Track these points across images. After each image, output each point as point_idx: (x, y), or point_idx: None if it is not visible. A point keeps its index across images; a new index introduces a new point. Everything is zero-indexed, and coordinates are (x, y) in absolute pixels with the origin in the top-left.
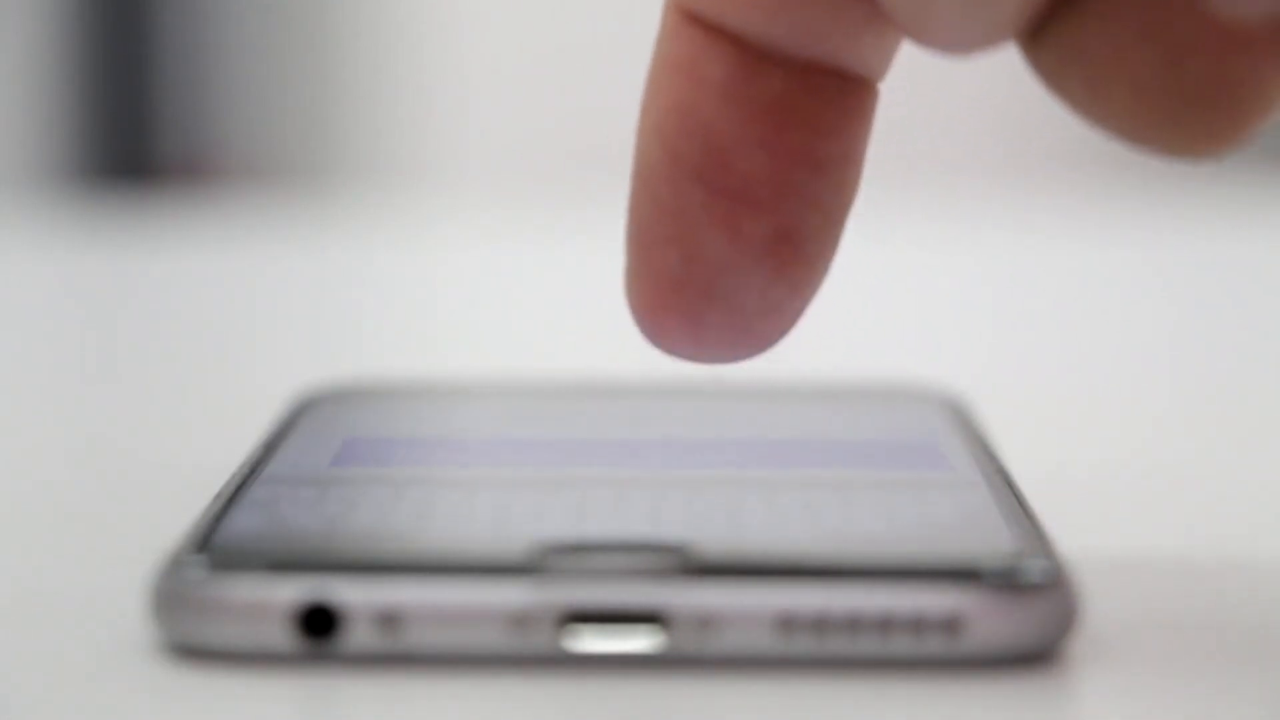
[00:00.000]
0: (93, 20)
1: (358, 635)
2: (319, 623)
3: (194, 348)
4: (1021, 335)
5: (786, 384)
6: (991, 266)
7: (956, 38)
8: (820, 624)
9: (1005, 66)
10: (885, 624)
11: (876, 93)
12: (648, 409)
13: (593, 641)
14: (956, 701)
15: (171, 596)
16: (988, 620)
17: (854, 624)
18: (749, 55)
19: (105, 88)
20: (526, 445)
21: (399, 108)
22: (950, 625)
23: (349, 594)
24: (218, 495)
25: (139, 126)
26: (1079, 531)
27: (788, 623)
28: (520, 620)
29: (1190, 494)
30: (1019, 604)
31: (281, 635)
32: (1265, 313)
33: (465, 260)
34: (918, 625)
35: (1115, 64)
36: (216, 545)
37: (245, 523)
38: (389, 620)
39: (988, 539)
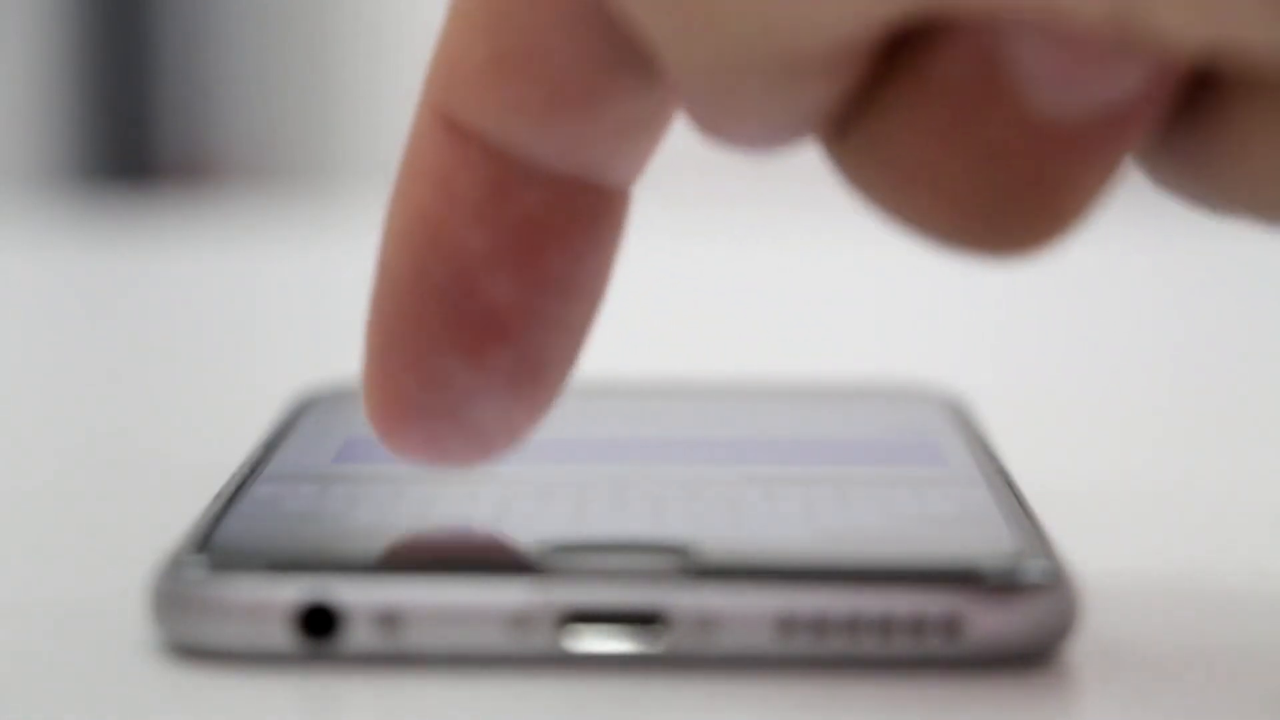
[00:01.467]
0: (93, 20)
1: (358, 635)
2: (319, 623)
3: (194, 348)
4: (1022, 336)
5: (787, 384)
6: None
7: (753, 134)
8: (820, 624)
9: None
10: (885, 624)
11: (629, 202)
12: (648, 409)
13: (593, 641)
14: (956, 701)
15: (171, 596)
16: (988, 620)
17: (854, 624)
18: (504, 169)
19: (105, 88)
20: (526, 445)
21: (399, 108)
22: (950, 625)
23: (349, 594)
24: (218, 495)
25: (139, 126)
26: (1079, 532)
27: (788, 623)
28: (520, 620)
29: (1191, 495)
30: (1019, 604)
31: (281, 635)
32: (1268, 316)
33: None
34: (918, 625)
35: (924, 166)
36: (216, 545)
37: (245, 523)
38: (389, 620)
39: (988, 539)
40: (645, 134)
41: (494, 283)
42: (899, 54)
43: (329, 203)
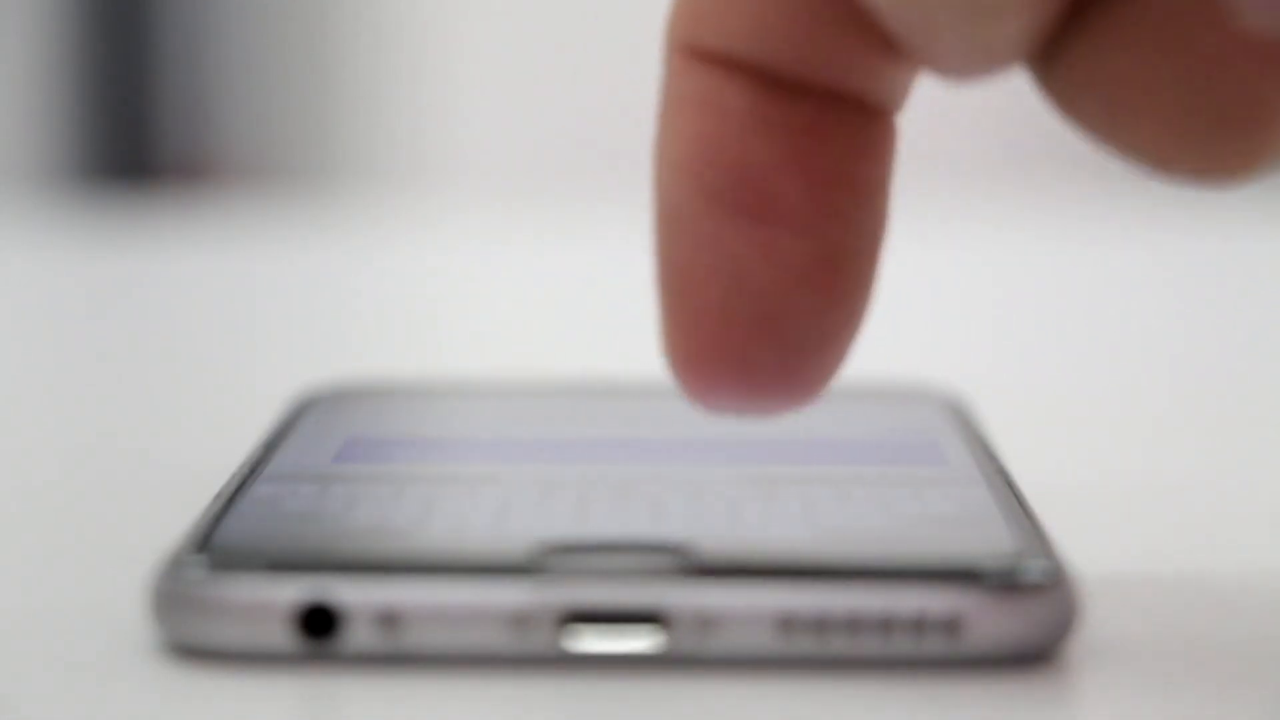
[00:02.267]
0: (93, 20)
1: (358, 635)
2: (319, 623)
3: (194, 348)
4: (1023, 336)
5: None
6: (993, 267)
7: (963, 62)
8: (820, 624)
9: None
10: (885, 624)
11: (896, 124)
12: (648, 408)
13: (593, 641)
14: (956, 701)
15: (171, 596)
16: (988, 620)
17: (854, 624)
18: (764, 84)
19: (105, 88)
20: (526, 445)
21: (399, 108)
22: (950, 625)
23: (349, 594)
24: (218, 495)
25: (139, 126)
26: (1079, 532)
27: (788, 623)
28: (520, 620)
29: (1191, 495)
30: (1019, 604)
31: (281, 635)
32: (1269, 315)
33: (465, 260)
34: (918, 625)
35: (1135, 86)
36: (216, 545)
37: (245, 523)
38: (389, 620)
39: (988, 539)
40: (883, 56)
41: (780, 182)
42: None
43: (329, 203)
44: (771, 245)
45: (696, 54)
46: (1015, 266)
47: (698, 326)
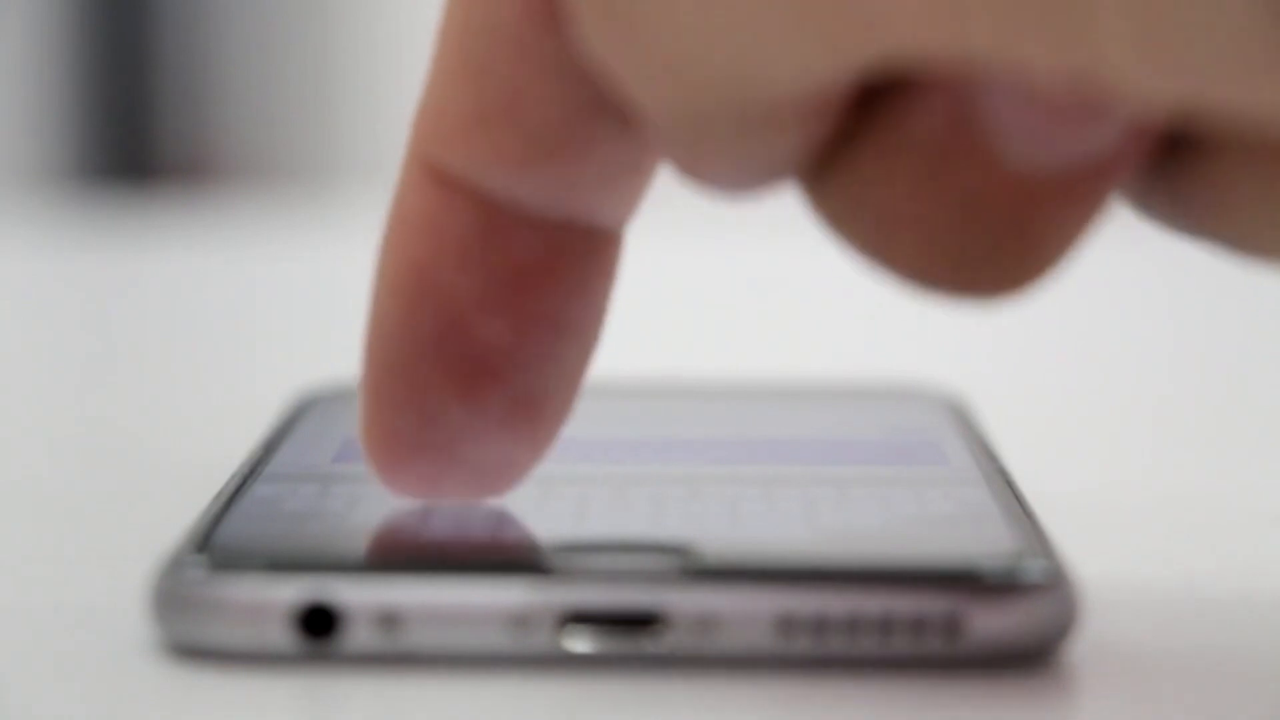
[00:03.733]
0: (93, 20)
1: (358, 635)
2: (319, 623)
3: (194, 348)
4: (1022, 336)
5: (787, 384)
6: None
7: (729, 178)
8: (820, 624)
9: None
10: (885, 624)
11: (621, 244)
12: (648, 409)
13: (593, 642)
14: (956, 701)
15: (171, 596)
16: (988, 620)
17: (854, 624)
18: (492, 215)
19: (105, 88)
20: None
21: (399, 108)
22: (950, 625)
23: (349, 594)
24: (218, 495)
25: (139, 126)
26: (1079, 532)
27: (788, 623)
28: (520, 620)
29: (1190, 496)
30: (1019, 604)
31: (281, 635)
32: (1270, 318)
33: None
34: (918, 625)
35: (900, 214)
36: (216, 545)
37: (245, 522)
38: (389, 620)
39: (988, 539)
40: (632, 178)
41: (485, 325)
42: (872, 103)
43: (329, 203)
44: (469, 389)
45: (430, 172)
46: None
47: (389, 443)
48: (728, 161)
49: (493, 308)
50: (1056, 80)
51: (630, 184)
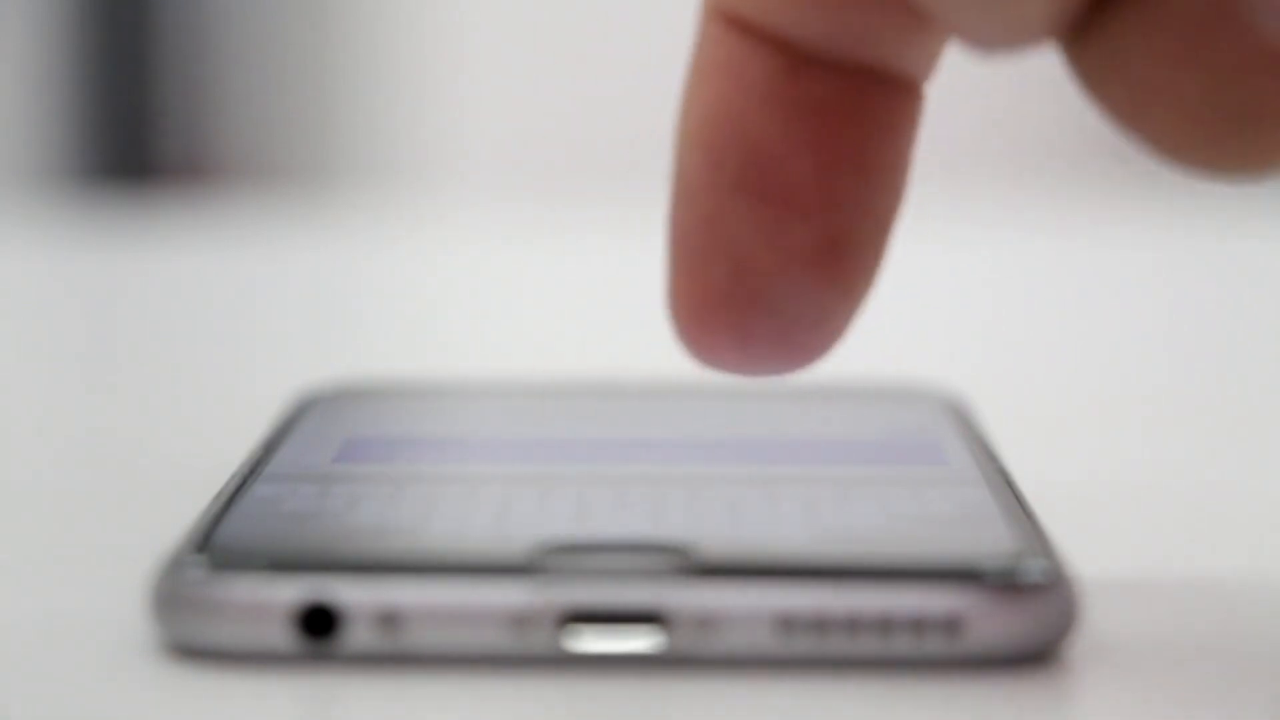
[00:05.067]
0: (93, 20)
1: (358, 635)
2: (319, 623)
3: (194, 348)
4: (1022, 335)
5: (787, 384)
6: (993, 266)
7: (990, 36)
8: (820, 624)
9: (1006, 67)
10: (885, 624)
11: (922, 95)
12: (648, 408)
13: (593, 641)
14: (956, 701)
15: (171, 596)
16: (988, 620)
17: (854, 624)
18: (792, 58)
19: (105, 88)
20: (527, 445)
21: (398, 108)
22: (950, 625)
23: (349, 594)
24: (218, 495)
25: (139, 126)
26: (1079, 532)
27: (788, 623)
28: (520, 620)
29: (1191, 495)
30: (1019, 604)
31: (281, 635)
32: (1270, 315)
33: (465, 260)
34: (918, 625)
35: (1155, 79)
36: (216, 545)
37: (245, 522)
38: (389, 620)
39: (988, 539)
40: (923, 30)
41: (790, 165)
42: None
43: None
44: (775, 227)
45: (727, 20)
46: (1015, 266)
47: (697, 297)
48: (987, 19)
49: (796, 147)
50: None
51: (922, 36)
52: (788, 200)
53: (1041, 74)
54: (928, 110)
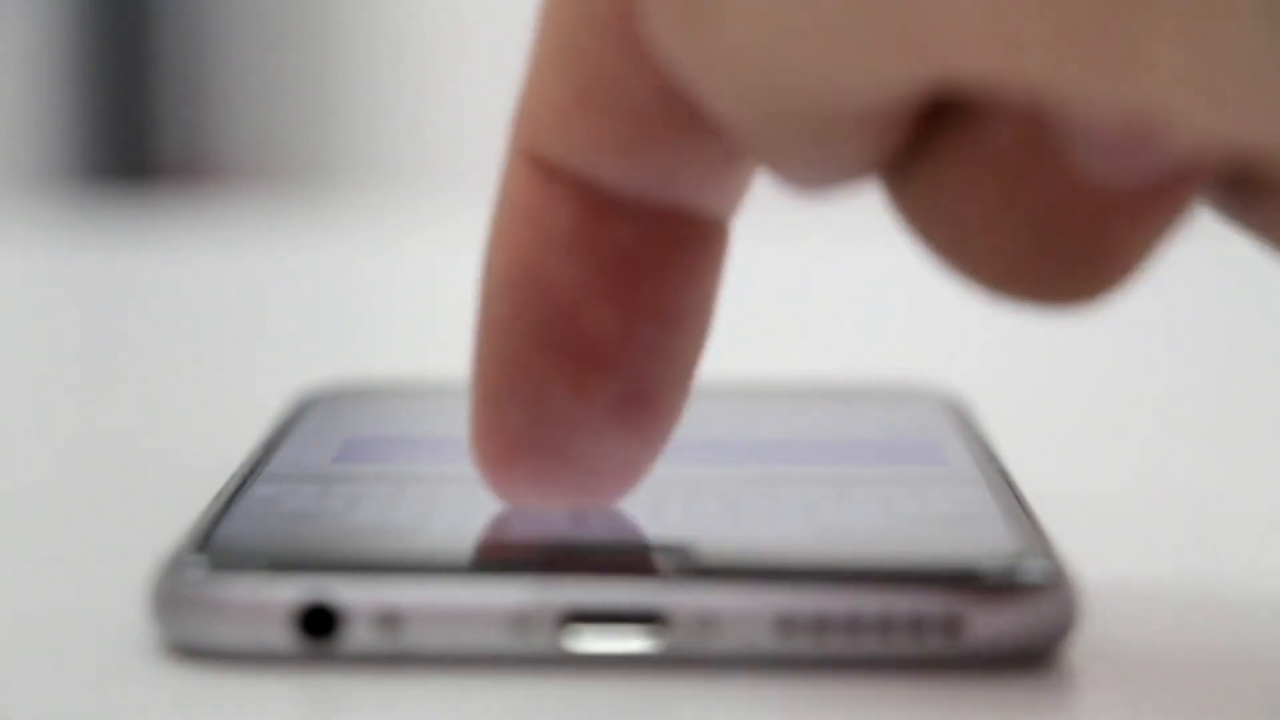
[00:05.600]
0: (93, 20)
1: (358, 635)
2: (319, 623)
3: (194, 348)
4: (1022, 336)
5: (787, 384)
6: None
7: (806, 175)
8: (820, 624)
9: None
10: (885, 624)
11: (728, 237)
12: None
13: (593, 641)
14: (956, 701)
15: (171, 596)
16: (988, 620)
17: (854, 624)
18: (596, 203)
19: (105, 88)
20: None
21: (398, 108)
22: (950, 625)
23: (349, 594)
24: (218, 495)
25: (139, 126)
26: (1079, 532)
27: (788, 623)
28: (520, 620)
29: (1190, 495)
30: (1019, 604)
31: (281, 635)
32: (1270, 317)
33: (465, 260)
34: (917, 625)
35: (976, 221)
36: (216, 545)
37: (245, 522)
38: (389, 620)
39: (987, 539)
40: (732, 170)
41: (593, 314)
42: (949, 112)
43: (329, 203)
44: (577, 379)
45: (533, 162)
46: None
47: (498, 441)
48: (803, 162)
49: (600, 297)
50: (1112, 116)
51: (731, 176)
52: (590, 352)
53: None
54: None
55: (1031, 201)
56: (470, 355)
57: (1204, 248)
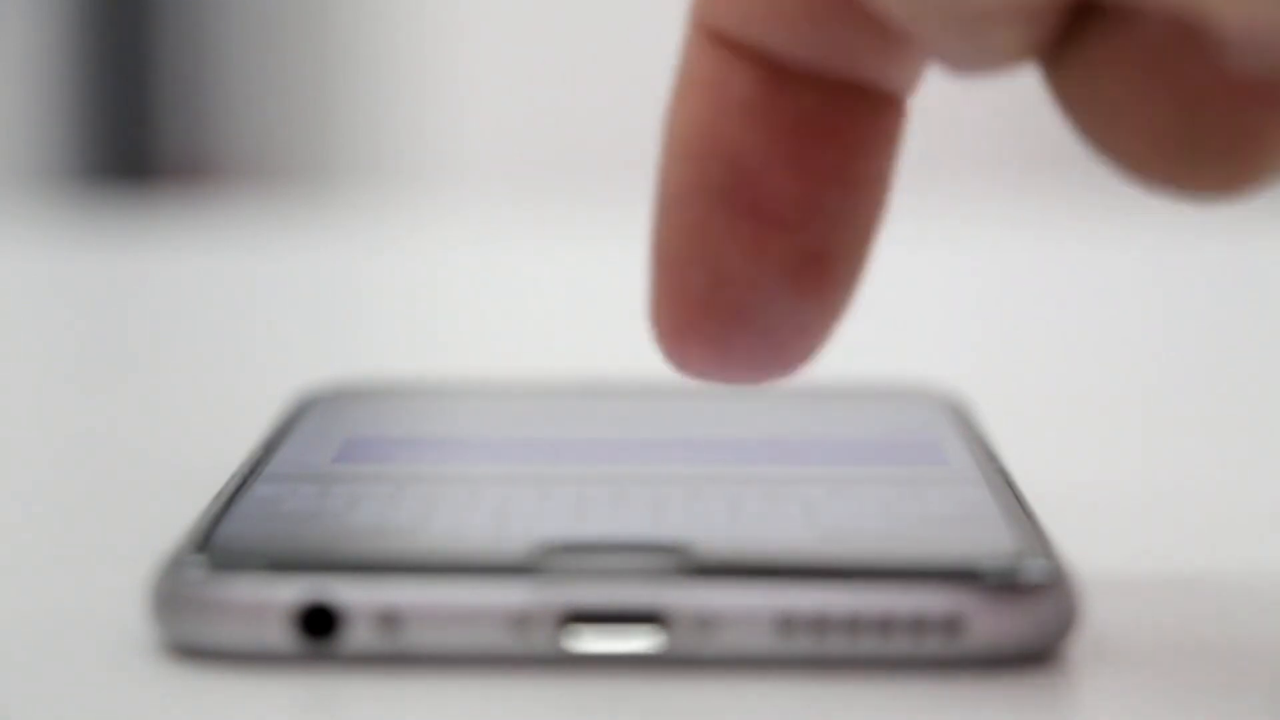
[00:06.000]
0: (93, 20)
1: (358, 635)
2: (319, 623)
3: (194, 348)
4: (1022, 335)
5: (788, 384)
6: (993, 266)
7: (967, 61)
8: (820, 624)
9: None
10: (885, 624)
11: (905, 111)
12: (648, 408)
13: (593, 641)
14: (956, 701)
15: (171, 596)
16: (988, 620)
17: (854, 624)
18: (775, 73)
19: (105, 88)
20: (526, 445)
21: (399, 108)
22: (950, 625)
23: (349, 594)
24: (218, 495)
25: (139, 126)
26: (1079, 532)
27: (788, 623)
28: (520, 620)
29: (1191, 495)
30: (1019, 604)
31: (281, 635)
32: (1270, 315)
33: (465, 260)
34: (918, 625)
35: (1126, 105)
36: (216, 545)
37: (245, 522)
38: (389, 620)
39: (988, 539)
40: (898, 46)
41: (773, 179)
42: (1097, 6)
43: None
44: (757, 240)
45: (711, 36)
46: (1015, 266)
47: (679, 307)
48: (960, 49)
49: (777, 161)
50: (1255, 31)
51: (902, 54)
52: (769, 213)
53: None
54: (929, 113)
55: (1178, 87)
56: (651, 224)
57: (1204, 247)
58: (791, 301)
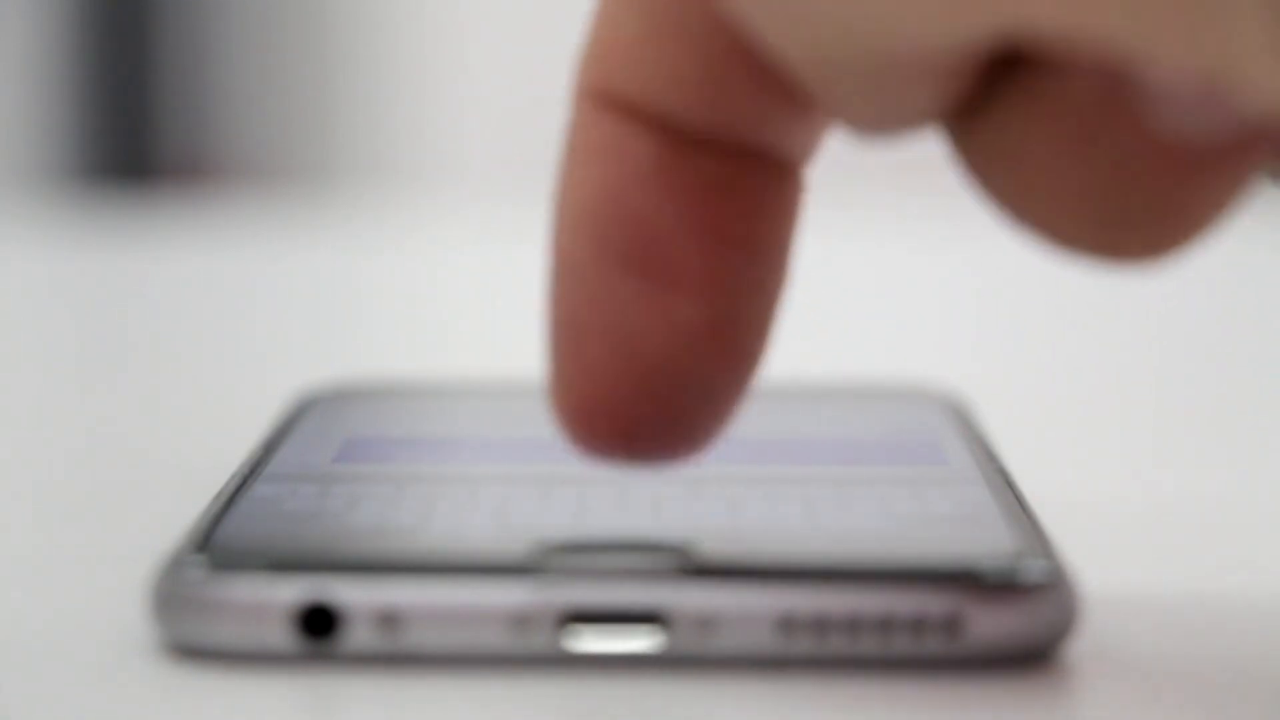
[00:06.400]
0: (93, 20)
1: (358, 635)
2: (319, 623)
3: (194, 348)
4: (1022, 336)
5: (788, 384)
6: (993, 267)
7: (873, 122)
8: (820, 624)
9: None
10: (885, 624)
11: (804, 180)
12: None
13: (593, 641)
14: (956, 701)
15: (171, 596)
16: (988, 620)
17: (854, 624)
18: (675, 137)
19: (105, 88)
20: (526, 444)
21: (398, 108)
22: (950, 625)
23: (349, 594)
24: (218, 495)
25: (139, 126)
26: (1079, 532)
27: (788, 623)
28: (520, 620)
29: (1190, 496)
30: (1019, 604)
31: (281, 635)
32: (1272, 320)
33: (465, 260)
34: (918, 625)
35: (1045, 171)
36: (216, 545)
37: (245, 522)
38: (389, 620)
39: (988, 539)
40: (803, 113)
41: (677, 241)
42: (1017, 62)
43: (329, 203)
44: (664, 307)
45: (604, 101)
46: (1015, 267)
47: (583, 382)
48: (868, 110)
49: (683, 226)
50: (1188, 77)
51: (804, 121)
52: (676, 279)
53: None
54: None
55: (1101, 153)
56: (548, 299)
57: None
58: (700, 370)
